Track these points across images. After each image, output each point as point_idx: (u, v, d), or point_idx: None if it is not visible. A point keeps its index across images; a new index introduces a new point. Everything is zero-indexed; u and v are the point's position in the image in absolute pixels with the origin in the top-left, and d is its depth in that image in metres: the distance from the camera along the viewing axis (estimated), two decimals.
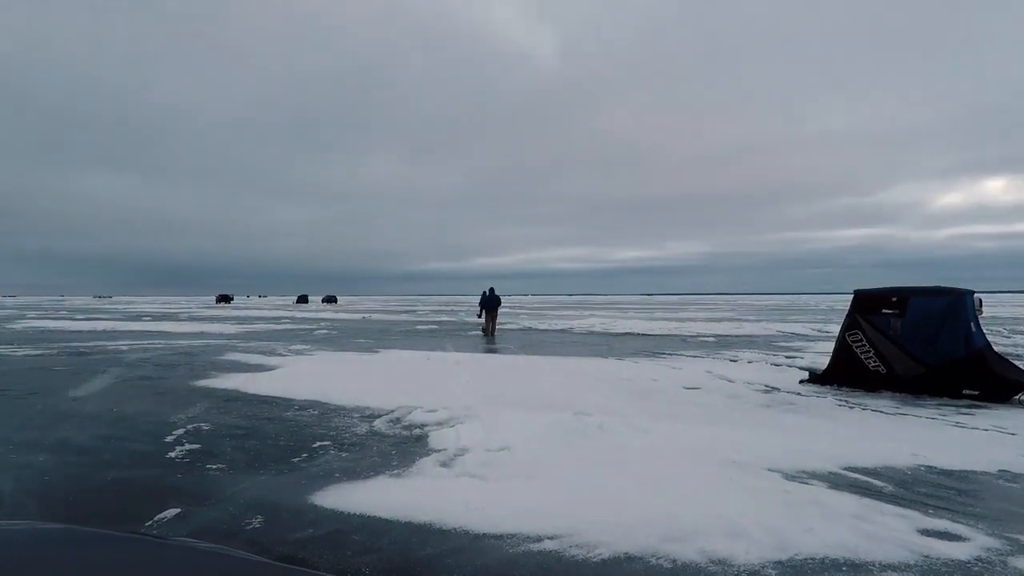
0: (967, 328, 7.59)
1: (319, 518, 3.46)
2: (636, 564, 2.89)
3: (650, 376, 9.43)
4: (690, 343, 16.19)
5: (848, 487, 4.03)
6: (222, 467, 4.46)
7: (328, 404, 6.90)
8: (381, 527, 3.33)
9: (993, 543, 3.14)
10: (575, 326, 24.21)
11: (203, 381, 8.75)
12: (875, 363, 8.11)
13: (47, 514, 3.54)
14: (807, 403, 7.31)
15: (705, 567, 2.85)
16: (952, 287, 8.02)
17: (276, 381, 8.59)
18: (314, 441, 5.22)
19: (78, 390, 7.94)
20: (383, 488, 3.98)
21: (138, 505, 3.65)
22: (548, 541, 3.11)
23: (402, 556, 2.97)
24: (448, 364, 10.90)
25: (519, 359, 12.09)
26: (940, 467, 4.57)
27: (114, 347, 14.41)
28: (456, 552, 3.01)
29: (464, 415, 6.01)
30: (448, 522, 3.36)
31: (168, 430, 5.60)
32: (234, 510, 3.57)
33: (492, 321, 19.24)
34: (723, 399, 7.51)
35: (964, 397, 7.45)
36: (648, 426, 5.67)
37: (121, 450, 4.96)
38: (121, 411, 6.57)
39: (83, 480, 4.17)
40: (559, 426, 5.49)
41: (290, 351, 13.40)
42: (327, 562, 2.89)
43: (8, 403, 7.08)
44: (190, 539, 1.33)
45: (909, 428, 6.00)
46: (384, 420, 6.05)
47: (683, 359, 12.15)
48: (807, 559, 2.91)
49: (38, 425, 5.85)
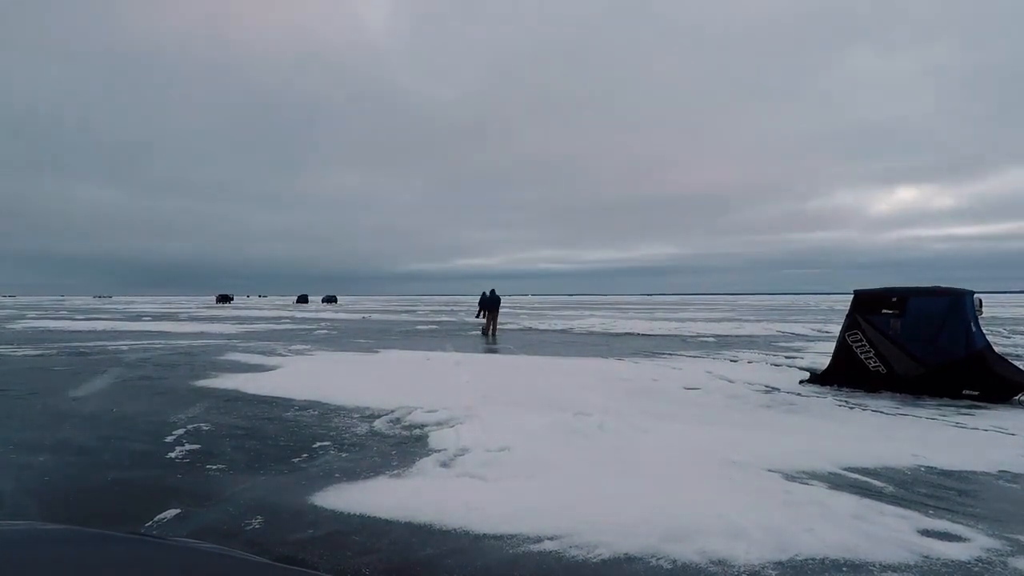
0: (967, 328, 7.59)
1: (319, 518, 3.46)
2: (636, 564, 2.89)
3: (650, 376, 9.43)
4: (690, 343, 16.18)
5: (848, 487, 4.03)
6: (222, 467, 4.46)
7: (328, 404, 6.90)
8: (381, 527, 3.34)
9: (993, 543, 3.14)
10: (575, 326, 24.22)
11: (203, 381, 8.75)
12: (875, 363, 8.11)
13: (47, 514, 3.54)
14: (807, 403, 7.31)
15: (705, 567, 2.85)
16: (952, 287, 8.02)
17: (276, 381, 8.59)
18: (314, 441, 5.22)
19: (78, 390, 7.94)
20: (383, 488, 3.98)
21: (138, 505, 3.65)
22: (548, 541, 3.11)
23: (402, 556, 2.98)
24: (448, 364, 10.90)
25: (519, 359, 12.09)
26: (940, 467, 4.57)
27: (114, 347, 14.41)
28: (456, 552, 3.02)
29: (464, 415, 6.01)
30: (448, 522, 3.36)
31: (168, 430, 5.60)
32: (234, 511, 3.57)
33: (492, 322, 19.26)
34: (723, 399, 7.51)
35: (964, 397, 7.45)
36: (648, 426, 5.67)
37: (121, 450, 4.96)
38: (121, 411, 6.57)
39: (83, 480, 4.17)
40: (559, 426, 5.50)
41: (290, 351, 13.40)
42: (327, 563, 2.90)
43: (8, 403, 7.08)
44: (190, 539, 1.33)
45: (909, 428, 6.00)
46: (384, 420, 6.05)
47: (683, 359, 12.15)
48: (807, 559, 2.91)
49: (38, 425, 5.85)
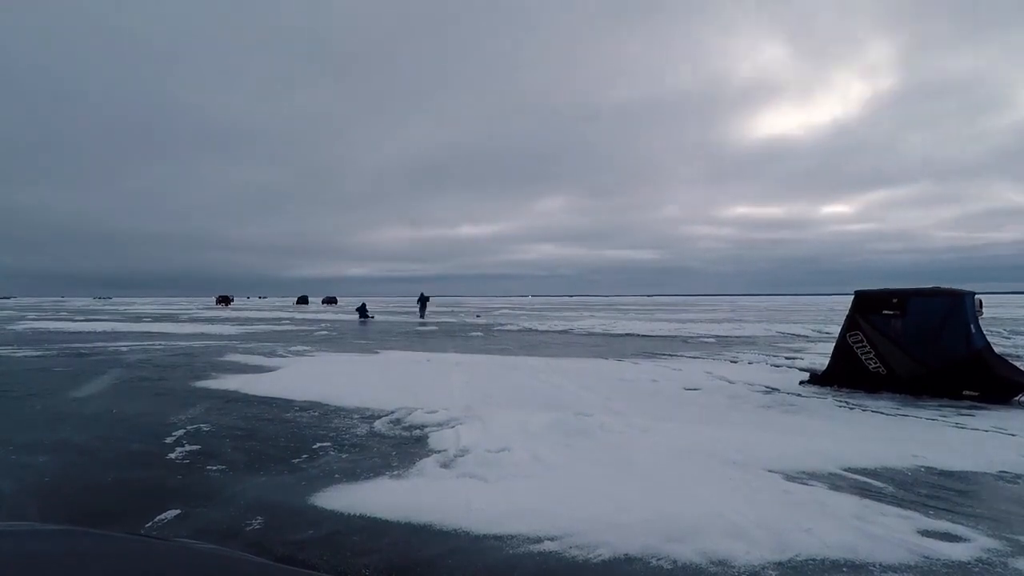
0: (967, 329, 7.60)
1: (319, 519, 3.46)
2: (637, 564, 2.90)
3: (650, 377, 9.43)
4: (690, 344, 16.19)
5: (848, 487, 4.03)
6: (222, 468, 4.46)
7: (328, 405, 6.90)
8: (381, 528, 3.34)
9: (993, 544, 3.14)
10: (575, 327, 24.23)
11: (203, 382, 8.75)
12: (875, 364, 8.11)
13: (47, 514, 3.54)
14: (807, 404, 7.31)
15: (705, 567, 2.85)
16: (952, 288, 8.02)
17: (276, 382, 8.60)
18: (314, 442, 5.22)
19: (78, 391, 7.94)
20: (383, 489, 3.98)
21: (138, 506, 3.66)
22: (548, 542, 3.11)
23: (402, 557, 2.98)
24: (448, 365, 10.91)
25: (519, 360, 12.09)
26: (940, 468, 4.57)
27: (114, 348, 14.41)
28: (456, 552, 3.02)
29: (464, 416, 6.01)
30: (448, 523, 3.36)
31: (168, 431, 5.60)
32: (234, 511, 3.57)
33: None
34: (723, 400, 7.51)
35: (964, 398, 7.45)
36: (648, 426, 5.68)
37: (121, 451, 4.96)
38: (121, 412, 6.57)
39: (83, 481, 4.18)
40: (559, 426, 5.50)
41: (290, 352, 13.41)
42: (327, 563, 2.90)
43: (9, 404, 7.08)
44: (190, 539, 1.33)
45: (909, 429, 6.00)
46: (384, 421, 6.05)
47: (683, 360, 12.15)
48: (807, 559, 2.92)
49: (39, 426, 5.85)
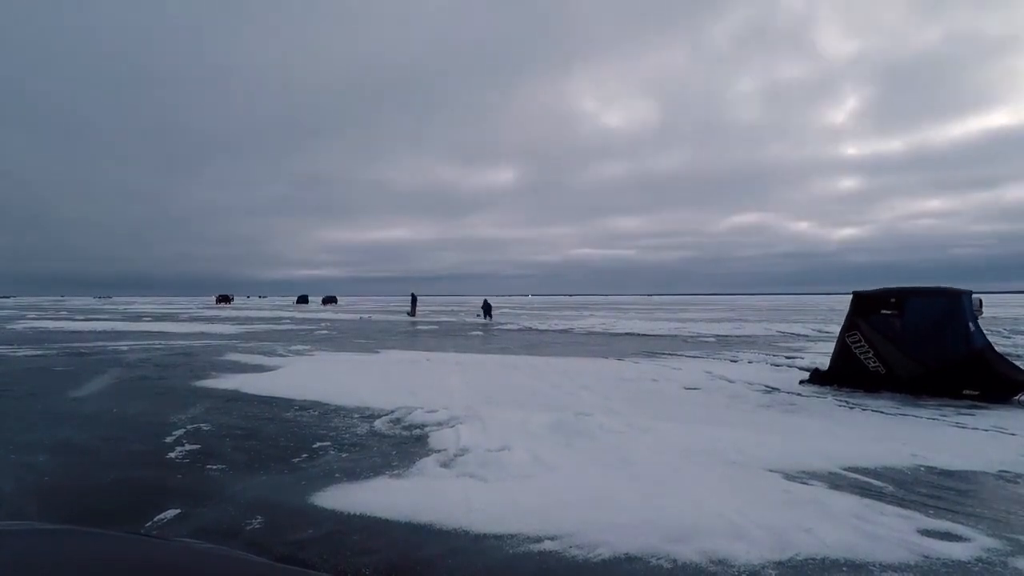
0: (966, 328, 7.59)
1: (319, 518, 3.46)
2: (637, 564, 2.90)
3: (650, 376, 9.43)
4: (690, 343, 16.19)
5: (848, 487, 4.03)
6: (222, 467, 4.46)
7: (328, 404, 6.90)
8: (381, 527, 3.34)
9: (993, 543, 3.14)
10: (575, 326, 24.23)
11: (203, 381, 8.75)
12: (875, 364, 8.11)
13: (47, 514, 3.54)
14: (807, 403, 7.31)
15: (705, 567, 2.85)
16: (950, 287, 8.02)
17: (276, 381, 8.60)
18: (314, 441, 5.22)
19: (79, 390, 7.95)
20: (383, 488, 3.98)
21: (138, 505, 3.66)
22: (549, 541, 3.11)
23: (402, 556, 2.98)
24: (448, 364, 10.91)
25: (519, 359, 12.09)
26: (940, 467, 4.57)
27: (114, 347, 14.41)
28: (457, 552, 3.02)
29: (464, 415, 6.01)
30: (448, 522, 3.36)
31: (168, 430, 5.60)
32: (234, 510, 3.57)
33: None
34: (723, 399, 7.51)
35: (964, 397, 7.45)
36: (648, 426, 5.68)
37: (121, 450, 4.96)
38: (121, 411, 6.57)
39: (83, 480, 4.18)
40: (559, 426, 5.50)
41: (290, 351, 13.41)
42: (327, 563, 2.90)
43: (9, 404, 7.08)
44: (190, 539, 1.33)
45: (909, 428, 6.00)
46: (384, 420, 6.05)
47: (683, 359, 12.15)
48: (807, 559, 2.92)
49: (39, 426, 5.85)
